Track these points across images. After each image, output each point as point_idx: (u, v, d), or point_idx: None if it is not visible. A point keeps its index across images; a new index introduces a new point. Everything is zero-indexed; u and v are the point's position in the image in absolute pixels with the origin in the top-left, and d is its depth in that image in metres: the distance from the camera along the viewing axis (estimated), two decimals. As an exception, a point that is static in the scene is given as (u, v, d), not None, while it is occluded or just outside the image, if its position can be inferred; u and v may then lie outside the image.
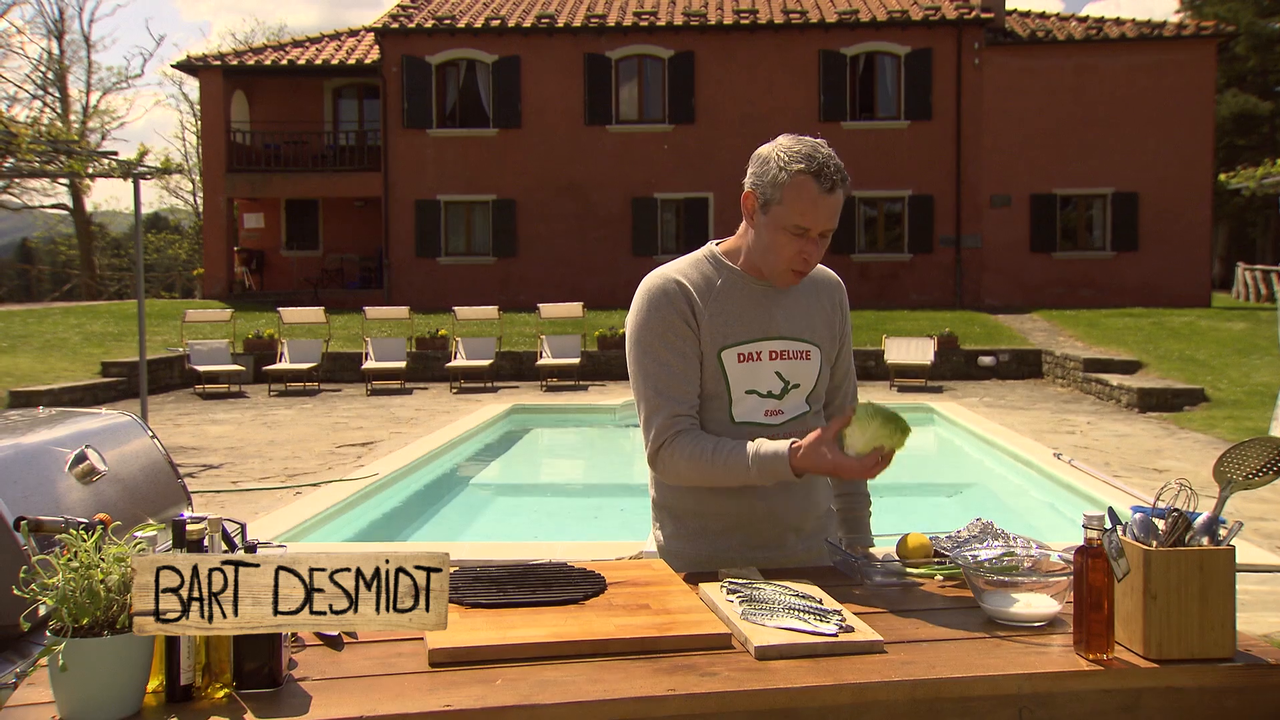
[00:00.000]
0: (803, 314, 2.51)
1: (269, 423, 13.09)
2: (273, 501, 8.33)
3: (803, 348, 2.50)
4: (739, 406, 2.44)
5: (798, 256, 2.37)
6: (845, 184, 2.36)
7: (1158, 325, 20.26)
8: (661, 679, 1.75)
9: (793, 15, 26.57)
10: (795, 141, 2.37)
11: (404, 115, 26.81)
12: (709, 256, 2.50)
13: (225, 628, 1.63)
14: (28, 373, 15.51)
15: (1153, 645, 1.83)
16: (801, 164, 2.32)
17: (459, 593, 2.11)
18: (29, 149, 9.72)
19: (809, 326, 2.51)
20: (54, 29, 43.32)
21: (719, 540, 2.49)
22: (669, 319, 2.41)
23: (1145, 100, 25.66)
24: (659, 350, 2.41)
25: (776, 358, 2.46)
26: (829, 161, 2.33)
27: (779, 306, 2.48)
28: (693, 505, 2.50)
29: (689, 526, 2.52)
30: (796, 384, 2.49)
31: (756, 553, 2.48)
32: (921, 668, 1.80)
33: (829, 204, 2.33)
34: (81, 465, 2.94)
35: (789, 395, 2.48)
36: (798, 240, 2.35)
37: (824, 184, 2.31)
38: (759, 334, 2.45)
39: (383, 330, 19.34)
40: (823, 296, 2.57)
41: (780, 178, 2.34)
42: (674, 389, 2.40)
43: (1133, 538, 1.90)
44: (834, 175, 2.32)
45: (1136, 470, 9.45)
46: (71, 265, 44.31)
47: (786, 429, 2.46)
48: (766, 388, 2.45)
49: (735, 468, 2.35)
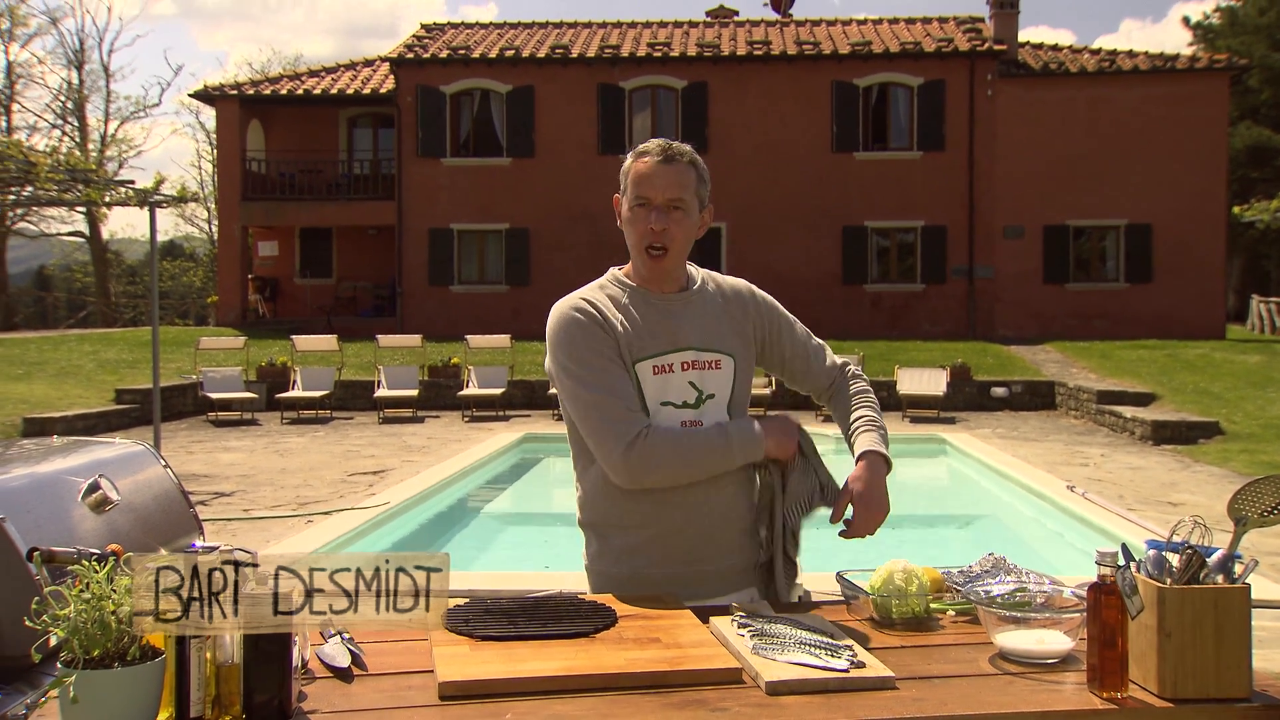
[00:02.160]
0: (709, 325, 2.53)
1: (281, 450, 13.11)
2: (284, 530, 8.33)
3: (713, 357, 2.51)
4: (655, 419, 2.44)
5: (648, 231, 2.44)
6: (689, 159, 2.47)
7: (1172, 357, 20.18)
8: (672, 714, 1.74)
9: (806, 46, 26.70)
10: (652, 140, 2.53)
11: (418, 144, 26.98)
12: (611, 279, 2.59)
13: (225, 627, 1.64)
14: (42, 399, 15.58)
15: (1167, 684, 1.82)
16: (638, 148, 2.50)
17: (469, 625, 2.10)
18: (47, 178, 9.80)
19: (717, 336, 2.53)
20: (74, 59, 43.76)
21: (639, 556, 2.47)
22: (589, 329, 2.45)
23: (1158, 132, 25.68)
24: (589, 358, 2.43)
25: (689, 368, 2.48)
26: (670, 142, 2.48)
27: (683, 319, 2.51)
28: (616, 519, 2.49)
29: (613, 544, 2.51)
30: (711, 394, 2.50)
31: (677, 568, 2.45)
32: (933, 704, 1.79)
33: (665, 172, 2.44)
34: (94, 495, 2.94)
35: (705, 405, 2.49)
36: (644, 213, 2.45)
37: (658, 155, 2.45)
38: (669, 345, 2.48)
39: (395, 358, 19.38)
40: (731, 306, 2.59)
41: (625, 169, 2.50)
42: (617, 388, 2.41)
43: (1147, 574, 1.89)
44: (671, 149, 2.46)
45: (1150, 503, 9.39)
46: (87, 292, 44.59)
47: None
48: (681, 398, 2.47)
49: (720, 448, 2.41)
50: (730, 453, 2.41)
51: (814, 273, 26.09)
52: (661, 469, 2.40)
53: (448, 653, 1.96)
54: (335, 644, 2.02)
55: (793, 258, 26.04)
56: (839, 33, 27.97)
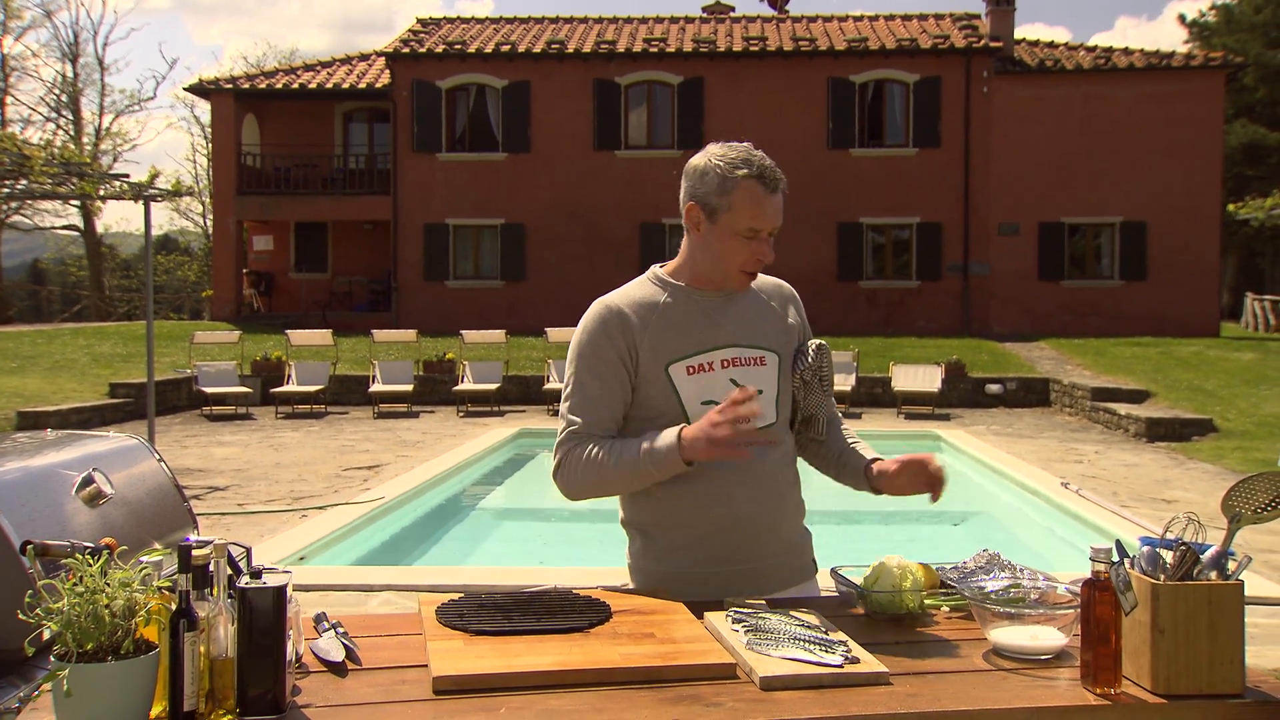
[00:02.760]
0: (753, 321, 2.51)
1: (276, 445, 13.09)
2: (279, 524, 8.32)
3: (756, 354, 2.49)
4: (695, 418, 2.40)
5: (751, 259, 2.42)
6: (784, 185, 2.45)
7: (1166, 355, 20.22)
8: (666, 709, 1.74)
9: (802, 43, 26.69)
10: (728, 149, 2.44)
11: (414, 139, 26.95)
12: (653, 278, 2.54)
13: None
14: (36, 393, 15.56)
15: (1160, 680, 1.82)
16: (744, 169, 2.39)
17: (464, 620, 2.10)
18: (42, 171, 9.78)
19: (761, 333, 2.51)
20: (69, 52, 43.67)
21: (685, 555, 2.46)
22: (599, 345, 2.45)
23: (1154, 130, 25.71)
24: (581, 374, 2.46)
25: (729, 365, 2.46)
26: (765, 162, 2.43)
27: (727, 316, 2.48)
28: (661, 519, 2.48)
29: (658, 543, 2.49)
30: (758, 390, 2.44)
31: (724, 567, 2.44)
32: (927, 700, 1.79)
33: (774, 204, 2.41)
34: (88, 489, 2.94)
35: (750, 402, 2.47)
36: (750, 243, 2.41)
37: (768, 185, 2.40)
38: (708, 345, 2.45)
39: (390, 353, 19.36)
40: (774, 303, 2.58)
41: (725, 185, 2.40)
42: (585, 410, 2.43)
43: (1140, 571, 1.90)
44: (774, 176, 2.42)
45: (1144, 500, 9.41)
46: (81, 286, 44.51)
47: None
48: (723, 396, 2.42)
49: (627, 461, 2.36)
50: (646, 470, 2.35)
51: (809, 269, 26.08)
52: (580, 490, 2.43)
53: (442, 647, 1.96)
54: (329, 638, 2.02)
55: (788, 254, 25.83)
56: (835, 29, 27.97)
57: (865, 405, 17.04)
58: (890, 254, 26.71)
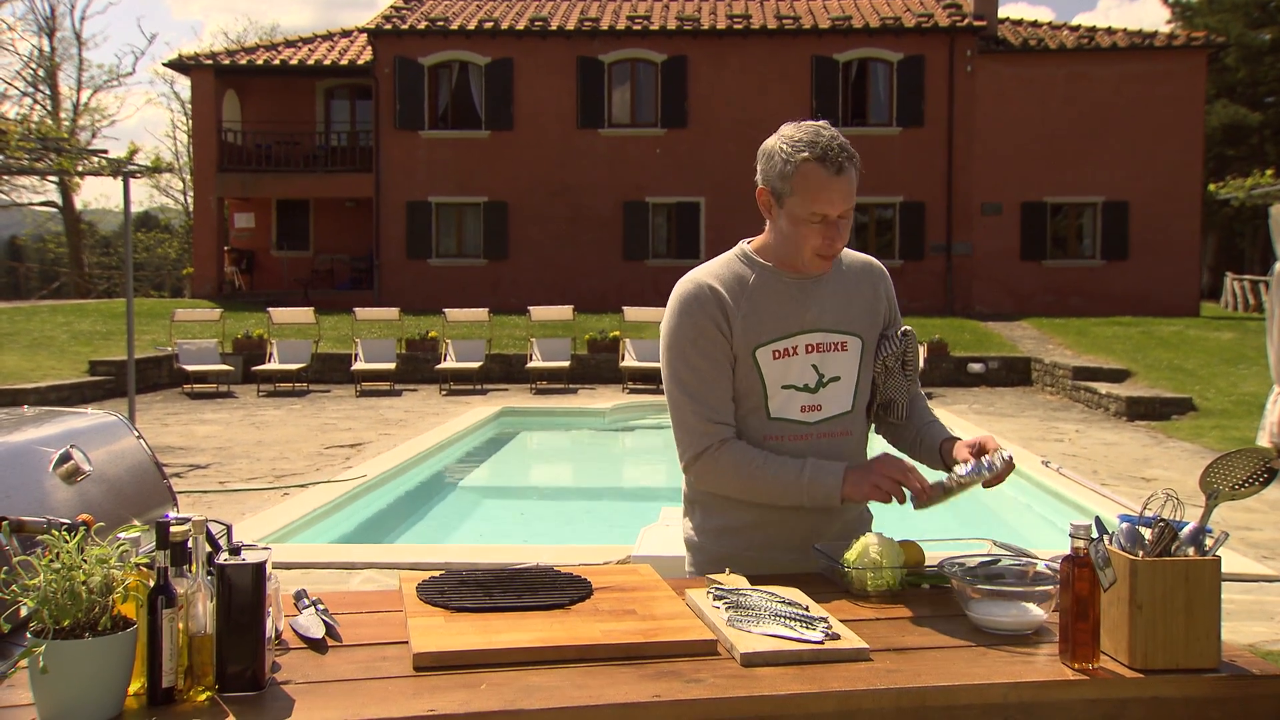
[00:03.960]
0: (839, 304, 2.47)
1: (257, 423, 13.05)
2: (260, 502, 8.30)
3: (838, 339, 2.45)
4: (775, 401, 2.41)
5: (823, 243, 2.36)
6: (854, 162, 2.34)
7: (1146, 334, 20.32)
8: (647, 685, 1.74)
9: (785, 21, 26.62)
10: (796, 129, 2.35)
11: (396, 116, 26.79)
12: (740, 255, 2.49)
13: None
14: (15, 371, 15.45)
15: (1138, 655, 1.83)
16: (805, 152, 2.31)
17: (444, 596, 2.10)
18: (18, 146, 9.69)
19: (846, 317, 2.47)
20: (45, 26, 43.17)
21: (740, 538, 2.47)
22: (701, 324, 2.39)
23: (1136, 110, 25.76)
24: (691, 355, 2.40)
25: (812, 351, 2.43)
26: (833, 143, 2.32)
27: (813, 299, 2.44)
28: (723, 500, 2.49)
29: (715, 522, 2.50)
30: (835, 377, 2.45)
31: (778, 554, 2.45)
32: (907, 675, 1.80)
33: (840, 186, 2.32)
34: (66, 465, 2.92)
35: (826, 389, 2.45)
36: (819, 228, 2.34)
37: (830, 167, 2.30)
38: (794, 329, 2.42)
39: (372, 331, 19.30)
40: (863, 284, 2.53)
41: (787, 170, 2.33)
42: (708, 395, 2.39)
43: (1119, 547, 1.91)
44: (840, 156, 2.31)
45: (1124, 479, 9.47)
46: (60, 263, 44.17)
47: (823, 427, 2.45)
48: (803, 381, 2.43)
49: (786, 481, 2.36)
50: (799, 494, 2.36)
51: (792, 248, 26.05)
52: (722, 487, 2.43)
53: (423, 624, 1.95)
54: (310, 615, 2.02)
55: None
56: (819, 7, 27.88)
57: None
58: (873, 233, 26.73)
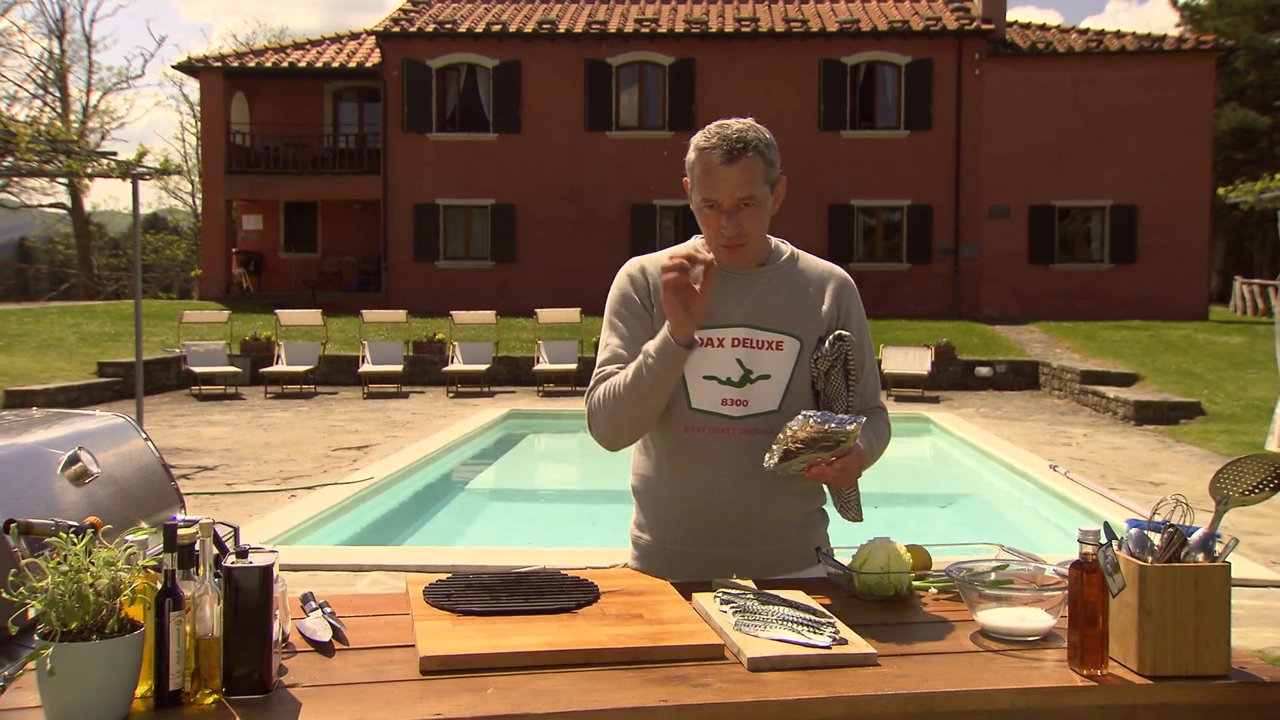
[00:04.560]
0: (780, 304, 2.46)
1: (265, 425, 13.07)
2: (267, 504, 8.31)
3: (773, 338, 2.43)
4: (695, 391, 2.40)
5: (718, 232, 2.38)
6: (751, 149, 2.33)
7: (1155, 338, 20.28)
8: (653, 689, 1.74)
9: (794, 24, 26.61)
10: (714, 124, 2.40)
11: (404, 119, 26.83)
12: (690, 247, 2.51)
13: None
14: (24, 372, 15.49)
15: (1147, 661, 1.83)
16: (703, 142, 2.37)
17: (451, 600, 2.10)
18: (28, 148, 9.71)
19: (785, 317, 2.45)
20: (55, 28, 43.32)
21: (668, 530, 2.47)
22: (623, 294, 2.49)
23: (1145, 113, 25.71)
24: (612, 324, 2.49)
25: (739, 345, 2.41)
26: (733, 134, 2.34)
27: (749, 295, 2.44)
28: (650, 490, 2.50)
29: (648, 514, 2.53)
30: (765, 375, 2.42)
31: (703, 549, 2.42)
32: (915, 681, 1.80)
33: (729, 173, 2.32)
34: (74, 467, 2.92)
35: (752, 386, 2.41)
36: (713, 214, 2.38)
37: (720, 156, 2.32)
38: (721, 321, 2.41)
39: (380, 333, 19.33)
40: (813, 287, 2.52)
41: (689, 161, 2.39)
42: (613, 357, 2.44)
43: (1128, 553, 1.90)
44: (734, 145, 2.33)
45: (1132, 483, 9.44)
46: (69, 265, 44.28)
47: (747, 423, 2.40)
48: (725, 374, 2.41)
49: (632, 370, 2.34)
50: (647, 366, 2.30)
51: (800, 251, 26.03)
52: (606, 422, 2.41)
53: (429, 627, 1.95)
54: (316, 618, 2.01)
55: (778, 236, 25.95)
56: (827, 10, 27.88)
57: (855, 387, 17.04)
58: (881, 236, 26.71)
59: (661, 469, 2.47)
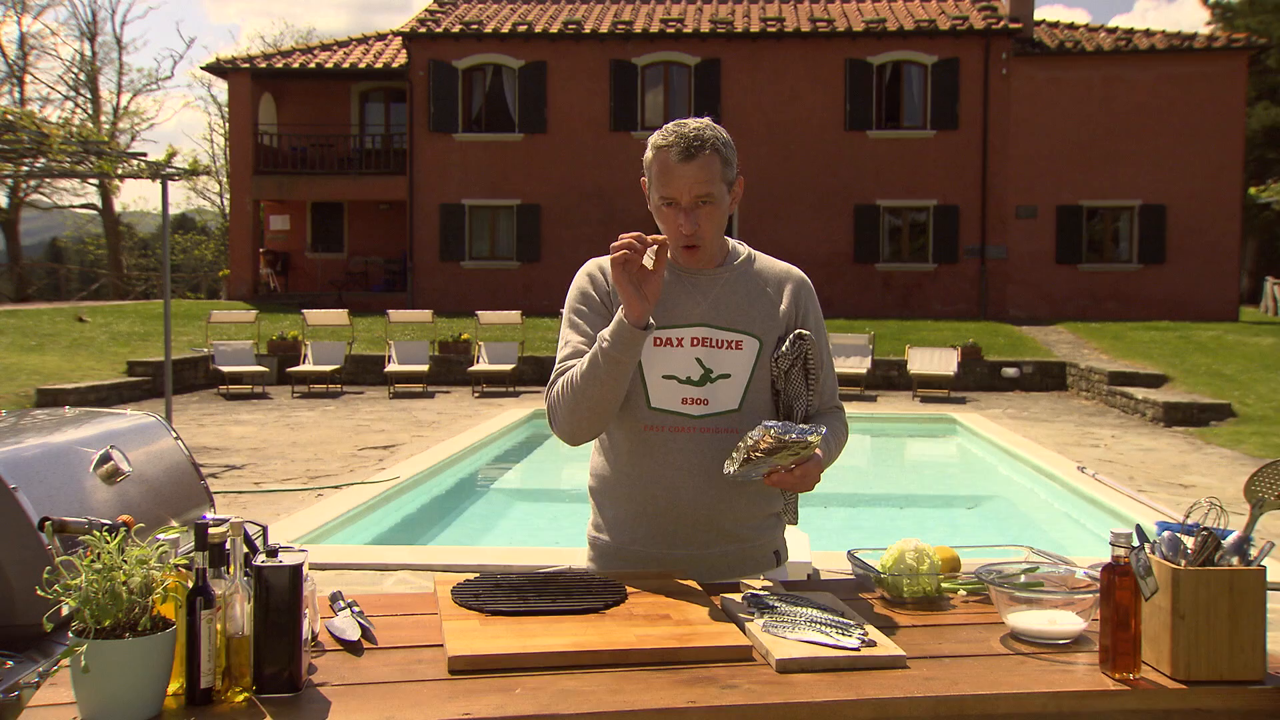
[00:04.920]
0: (738, 303, 2.45)
1: (292, 424, 13.14)
2: (295, 503, 8.36)
3: (733, 337, 2.42)
4: (655, 390, 2.39)
5: (678, 232, 2.36)
6: (708, 148, 2.33)
7: (1184, 339, 20.10)
8: (682, 690, 1.74)
9: (819, 24, 26.54)
10: (671, 123, 2.39)
11: (430, 119, 26.92)
12: None
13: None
14: (55, 371, 15.63)
15: (1180, 666, 1.81)
16: (660, 140, 2.36)
17: (479, 600, 2.10)
18: (60, 149, 9.79)
19: (744, 317, 2.44)
20: (87, 31, 43.75)
21: (626, 531, 2.46)
22: (582, 292, 2.49)
23: (1174, 112, 25.49)
24: (572, 322, 2.47)
25: (699, 344, 2.40)
26: (690, 132, 2.34)
27: (707, 296, 2.43)
28: (608, 490, 2.49)
29: (606, 514, 2.51)
30: (725, 374, 2.40)
31: (661, 549, 2.41)
32: (944, 684, 1.79)
33: (685, 170, 2.32)
34: (106, 466, 2.95)
35: (712, 385, 2.40)
36: (670, 212, 2.37)
37: (677, 153, 2.33)
38: (679, 320, 2.41)
39: (405, 333, 19.40)
40: (771, 287, 2.50)
41: (647, 160, 2.40)
42: (572, 355, 2.41)
43: (1161, 556, 1.88)
44: (692, 143, 2.32)
45: (1161, 485, 9.37)
46: (99, 265, 44.67)
47: (708, 422, 2.39)
48: (685, 373, 2.40)
49: (589, 359, 2.29)
50: (603, 353, 2.26)
51: (825, 252, 25.99)
52: (567, 417, 2.37)
53: (457, 627, 1.96)
54: (345, 617, 2.02)
55: (804, 236, 25.95)
56: (853, 10, 27.78)
57: (881, 388, 17.00)
58: (907, 236, 26.59)
59: (621, 469, 2.46)
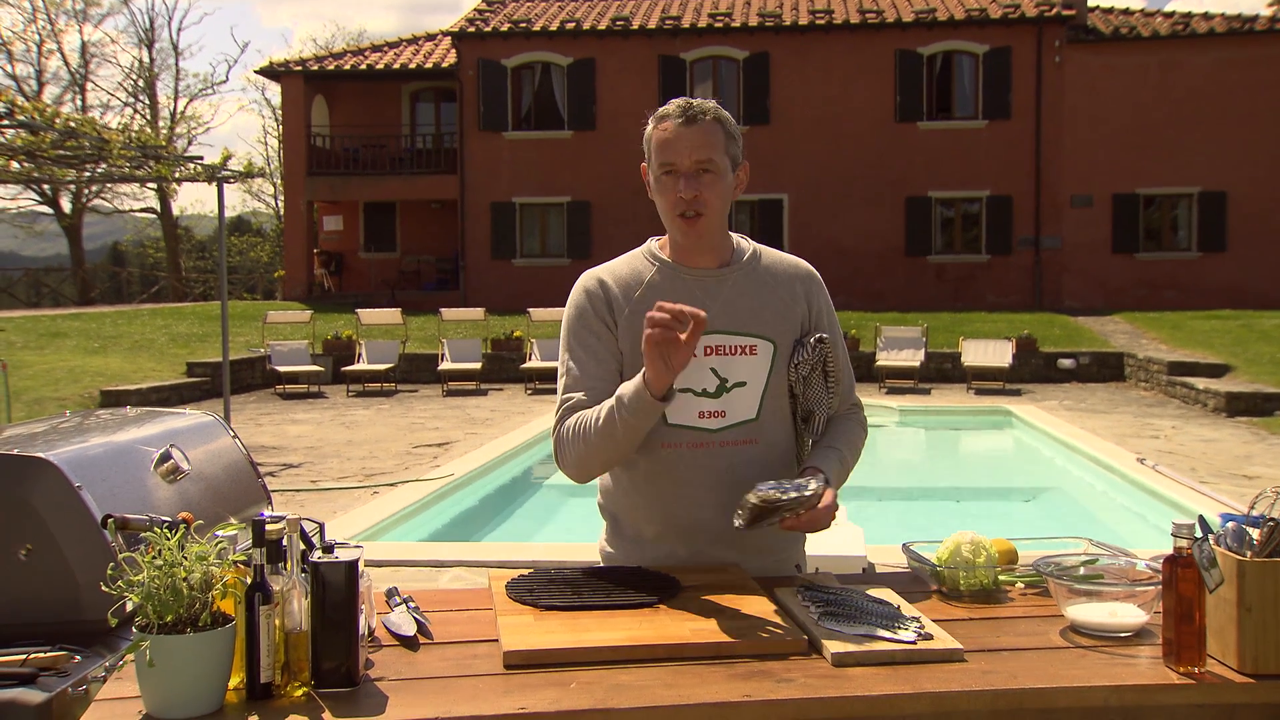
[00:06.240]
0: (749, 305, 2.34)
1: (347, 423, 13.28)
2: (350, 501, 8.45)
3: (746, 342, 2.31)
4: (671, 406, 2.19)
5: (678, 199, 2.28)
6: (710, 115, 2.30)
7: (1246, 327, 19.70)
8: (737, 684, 1.73)
9: (869, 15, 26.33)
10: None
11: (480, 118, 27.07)
12: (645, 252, 2.44)
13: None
14: (118, 372, 15.92)
15: (1248, 659, 1.77)
16: (658, 113, 2.34)
17: (534, 595, 2.11)
18: (120, 155, 9.95)
19: (756, 319, 2.33)
20: (145, 38, 44.47)
21: (647, 549, 2.38)
22: (582, 314, 2.35)
23: (1234, 97, 24.99)
24: (571, 346, 2.35)
25: (712, 353, 2.29)
26: (690, 101, 2.31)
27: (716, 298, 2.31)
28: (627, 509, 2.42)
29: (623, 533, 2.43)
30: (741, 382, 2.31)
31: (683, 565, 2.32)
32: (1003, 677, 1.76)
33: (688, 134, 2.28)
34: (166, 464, 3.00)
35: (729, 395, 2.31)
36: (671, 180, 2.30)
37: (678, 118, 2.29)
38: None
39: (458, 331, 19.52)
40: (781, 286, 2.39)
41: (647, 136, 2.35)
42: (576, 383, 2.31)
43: (1226, 547, 1.84)
44: (692, 109, 2.30)
45: (1224, 476, 9.19)
46: (159, 268, 45.42)
47: (727, 435, 2.31)
48: (701, 386, 2.29)
49: (605, 415, 2.18)
50: (620, 412, 2.16)
51: (877, 245, 25.81)
52: (576, 463, 2.30)
53: (512, 622, 1.96)
54: (401, 613, 2.04)
55: (856, 230, 25.78)
56: (902, 0, 27.53)
57: (935, 381, 16.84)
58: (959, 228, 26.32)
59: (638, 488, 2.37)
